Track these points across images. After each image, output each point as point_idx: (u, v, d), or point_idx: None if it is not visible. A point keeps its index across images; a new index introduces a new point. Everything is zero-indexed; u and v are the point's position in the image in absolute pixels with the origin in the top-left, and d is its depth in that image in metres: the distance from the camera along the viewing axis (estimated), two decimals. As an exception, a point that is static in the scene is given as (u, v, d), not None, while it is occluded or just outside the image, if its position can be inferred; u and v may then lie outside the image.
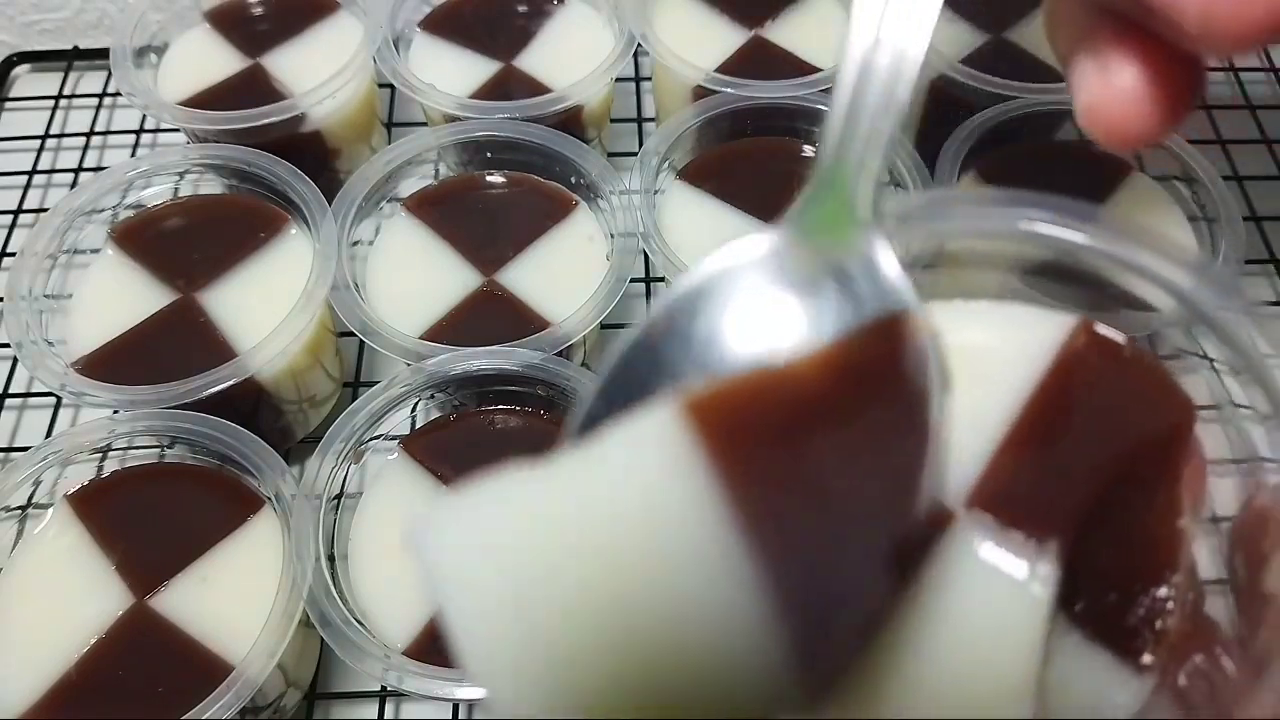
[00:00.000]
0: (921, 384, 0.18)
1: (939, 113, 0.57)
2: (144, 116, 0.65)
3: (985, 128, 0.53)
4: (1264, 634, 0.20)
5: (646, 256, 0.53)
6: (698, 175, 0.54)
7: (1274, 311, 0.55)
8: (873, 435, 0.17)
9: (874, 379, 0.18)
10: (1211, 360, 0.21)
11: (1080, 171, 0.53)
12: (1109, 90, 0.20)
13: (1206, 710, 0.19)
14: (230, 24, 0.60)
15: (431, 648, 0.39)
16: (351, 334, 0.46)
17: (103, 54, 0.58)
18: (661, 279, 0.53)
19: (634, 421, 0.16)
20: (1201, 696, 0.20)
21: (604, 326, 0.50)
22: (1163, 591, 0.20)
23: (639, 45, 0.56)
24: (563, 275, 0.50)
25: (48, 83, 0.68)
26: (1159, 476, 0.21)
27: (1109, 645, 0.20)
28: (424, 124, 0.61)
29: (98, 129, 0.65)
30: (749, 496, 0.16)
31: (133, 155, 0.63)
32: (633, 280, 0.48)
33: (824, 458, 0.16)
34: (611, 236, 0.50)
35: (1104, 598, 0.20)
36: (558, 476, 0.17)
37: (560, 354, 0.45)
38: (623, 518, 0.16)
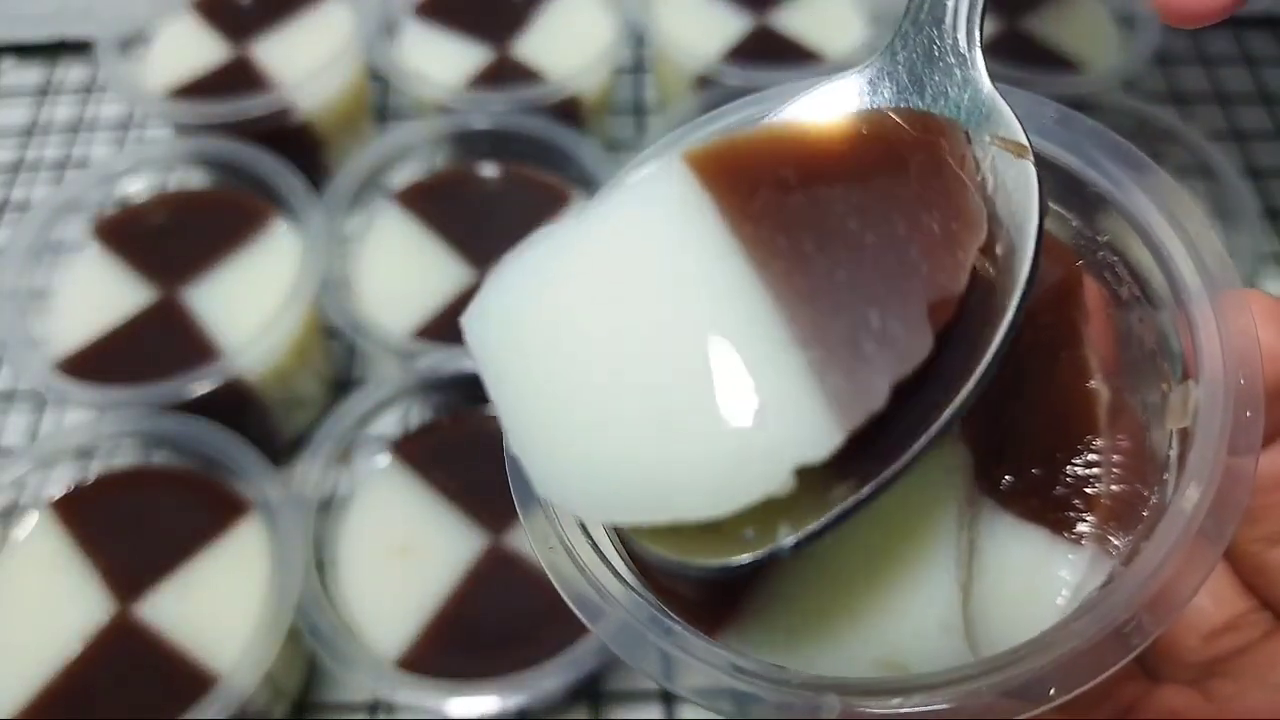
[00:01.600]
0: (950, 181, 0.18)
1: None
2: (129, 108, 0.63)
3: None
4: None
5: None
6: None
7: None
8: (894, 200, 0.17)
9: (886, 151, 0.18)
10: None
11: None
12: None
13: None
14: (217, 12, 0.59)
15: (425, 657, 0.38)
16: (341, 332, 0.45)
17: (88, 45, 0.57)
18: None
19: (644, 171, 0.17)
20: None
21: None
22: (1087, 458, 0.19)
23: (639, 32, 0.54)
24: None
25: (32, 74, 0.66)
26: (1059, 340, 0.20)
27: (1041, 522, 0.19)
28: (416, 114, 0.59)
29: (83, 121, 0.63)
30: (756, 235, 0.16)
31: (118, 147, 0.62)
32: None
33: (829, 210, 0.17)
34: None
35: (1028, 474, 0.20)
36: (575, 235, 0.17)
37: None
38: (637, 266, 0.17)
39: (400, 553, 0.41)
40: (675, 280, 0.16)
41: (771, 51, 0.56)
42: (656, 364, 0.16)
